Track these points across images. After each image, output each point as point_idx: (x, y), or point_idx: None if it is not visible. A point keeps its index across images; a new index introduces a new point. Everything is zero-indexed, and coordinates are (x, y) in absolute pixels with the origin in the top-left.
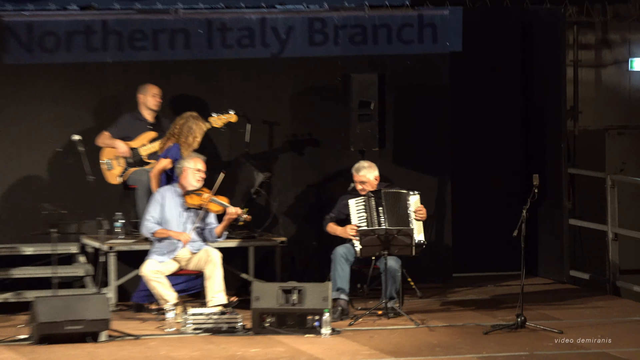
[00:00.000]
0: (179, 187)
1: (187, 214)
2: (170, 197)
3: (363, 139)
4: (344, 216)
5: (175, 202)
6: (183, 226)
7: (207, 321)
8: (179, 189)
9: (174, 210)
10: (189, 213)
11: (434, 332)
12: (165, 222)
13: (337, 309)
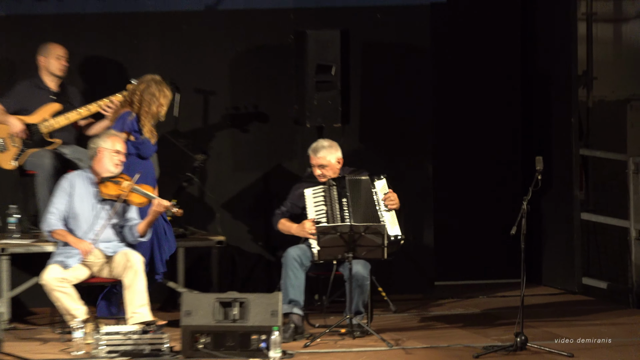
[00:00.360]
0: (91, 173)
1: (102, 207)
2: (81, 185)
3: (322, 113)
4: (298, 210)
5: (87, 192)
6: (94, 222)
7: (124, 342)
8: (91, 175)
9: (85, 201)
10: (105, 206)
11: (411, 356)
12: (74, 216)
13: (289, 327)
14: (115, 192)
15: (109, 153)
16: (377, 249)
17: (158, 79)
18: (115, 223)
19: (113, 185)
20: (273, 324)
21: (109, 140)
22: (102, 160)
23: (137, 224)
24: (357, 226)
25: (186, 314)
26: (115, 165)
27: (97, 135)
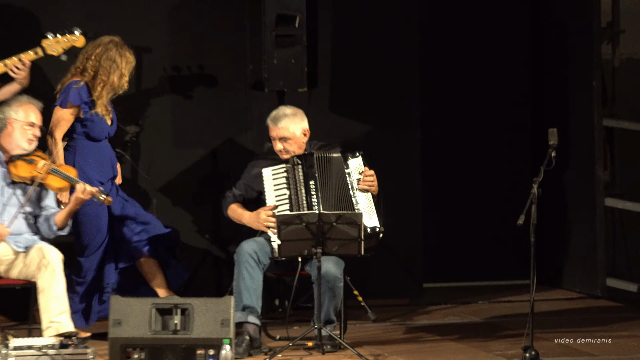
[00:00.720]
0: (0, 151)
1: (13, 191)
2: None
3: (284, 74)
4: (254, 194)
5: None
6: (3, 209)
7: (39, 359)
8: (1, 153)
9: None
10: (16, 190)
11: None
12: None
13: (243, 339)
14: (29, 174)
15: (20, 126)
16: (352, 244)
17: (118, 41)
18: (28, 212)
19: (26, 165)
20: (223, 336)
21: (21, 110)
22: (13, 135)
23: (54, 213)
24: (328, 215)
25: (115, 324)
26: (29, 141)
27: (5, 103)
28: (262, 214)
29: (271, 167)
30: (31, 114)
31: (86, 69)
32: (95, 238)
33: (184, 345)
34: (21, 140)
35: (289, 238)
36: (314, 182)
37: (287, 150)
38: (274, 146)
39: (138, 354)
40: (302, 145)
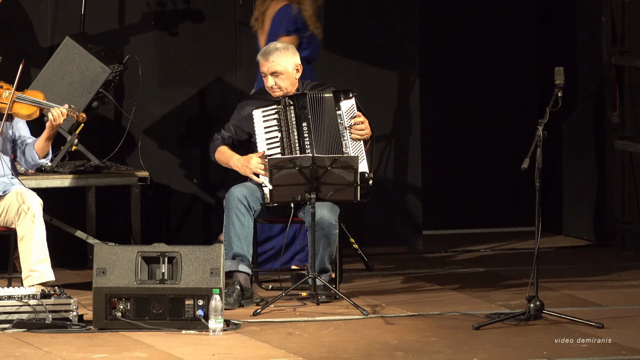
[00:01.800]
0: None
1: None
2: None
3: None
4: (244, 136)
5: None
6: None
7: (19, 310)
8: None
9: None
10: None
11: (393, 327)
12: None
13: (234, 289)
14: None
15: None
16: (348, 189)
17: None
18: (1, 149)
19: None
20: (213, 286)
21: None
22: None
23: (32, 143)
24: (322, 158)
25: (100, 273)
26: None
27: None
28: (253, 158)
29: (262, 109)
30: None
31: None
32: None
33: (172, 296)
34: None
35: (281, 183)
36: (307, 124)
37: (280, 87)
38: (265, 83)
39: (123, 304)
40: (295, 83)
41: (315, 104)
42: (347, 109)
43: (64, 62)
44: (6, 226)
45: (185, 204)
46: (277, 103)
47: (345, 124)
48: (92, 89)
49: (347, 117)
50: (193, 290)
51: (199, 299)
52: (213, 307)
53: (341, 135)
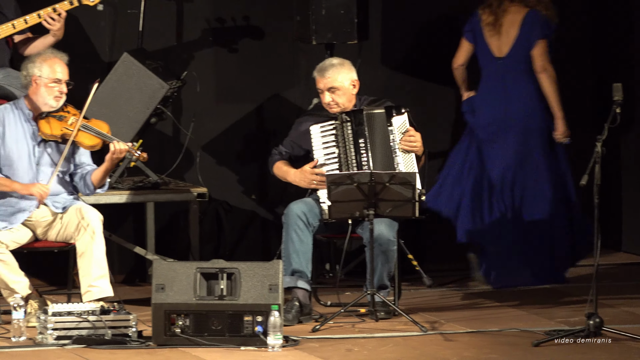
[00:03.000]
0: (27, 107)
1: (43, 150)
2: (13, 122)
3: (332, 26)
4: (301, 152)
5: (22, 131)
6: (37, 170)
7: (79, 325)
8: (28, 109)
9: (21, 144)
10: (47, 149)
11: (451, 343)
12: (8, 164)
13: (292, 305)
14: (59, 131)
15: (45, 83)
16: (406, 205)
17: None
18: (63, 171)
19: (56, 121)
20: (272, 302)
21: (45, 66)
22: (38, 92)
23: (90, 171)
24: (380, 174)
25: (159, 289)
26: (56, 98)
27: (29, 59)
28: (306, 171)
29: (319, 124)
30: (57, 69)
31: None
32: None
33: (231, 312)
34: (47, 97)
35: (339, 199)
36: (364, 140)
37: (337, 103)
38: (322, 99)
39: (182, 320)
40: (352, 99)
41: (375, 121)
42: (399, 125)
43: (122, 78)
44: (66, 241)
45: (243, 220)
46: (334, 119)
47: (397, 140)
48: (150, 105)
49: (398, 133)
50: (252, 307)
51: (257, 315)
52: (272, 323)
53: (393, 151)
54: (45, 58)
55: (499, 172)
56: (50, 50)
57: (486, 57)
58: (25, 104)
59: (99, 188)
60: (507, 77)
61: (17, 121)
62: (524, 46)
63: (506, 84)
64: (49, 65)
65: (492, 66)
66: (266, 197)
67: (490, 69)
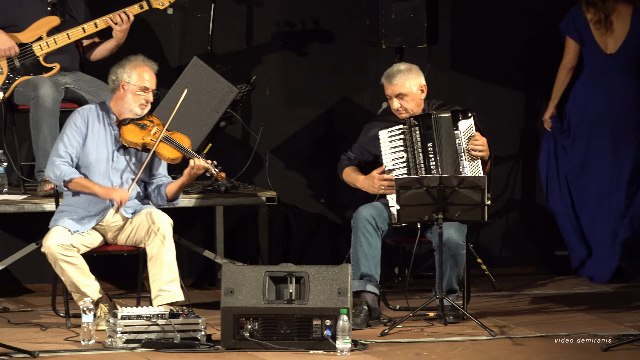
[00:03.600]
0: (112, 111)
1: (123, 157)
2: (97, 124)
3: (402, 30)
4: (370, 157)
5: (104, 134)
6: (114, 175)
7: (148, 329)
8: (112, 113)
9: (101, 147)
10: (125, 155)
11: (520, 347)
12: (85, 166)
13: (361, 309)
14: (140, 140)
15: (133, 90)
16: (475, 209)
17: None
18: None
19: (138, 129)
20: (341, 306)
21: (134, 73)
22: (125, 98)
23: (166, 183)
24: (449, 178)
25: (228, 293)
26: (141, 107)
27: (119, 64)
28: (374, 177)
29: (387, 129)
30: (145, 77)
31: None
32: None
33: (299, 316)
34: (133, 105)
35: (408, 203)
36: (432, 144)
37: (405, 109)
38: (391, 105)
39: (251, 324)
40: (420, 103)
41: (443, 125)
42: (465, 129)
43: (192, 82)
44: (136, 245)
45: (312, 224)
46: (402, 123)
47: (462, 145)
48: (220, 108)
49: (464, 137)
50: (321, 310)
51: (326, 319)
52: (341, 327)
53: (459, 155)
54: (136, 65)
55: (630, 168)
56: (141, 58)
57: (593, 54)
58: (111, 107)
59: (172, 201)
60: (613, 74)
61: (100, 124)
62: (634, 42)
63: (612, 81)
64: (138, 73)
65: (598, 63)
66: (335, 200)
67: (596, 67)
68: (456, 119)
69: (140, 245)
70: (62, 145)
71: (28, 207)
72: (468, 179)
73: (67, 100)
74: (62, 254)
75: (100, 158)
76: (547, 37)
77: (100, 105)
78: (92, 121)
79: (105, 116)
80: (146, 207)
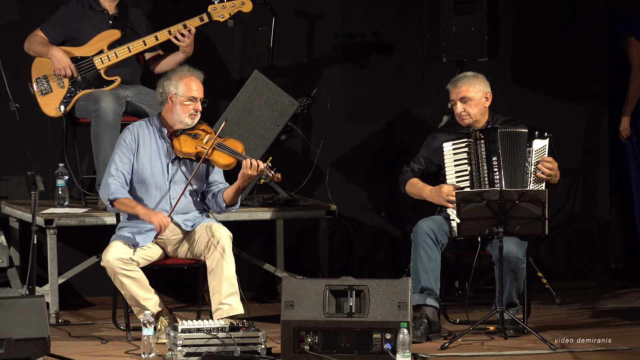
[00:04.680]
0: (162, 125)
1: (177, 168)
2: (147, 139)
3: (463, 43)
4: (434, 168)
5: (156, 148)
6: (170, 187)
7: (208, 342)
8: (163, 127)
9: (155, 161)
10: (180, 166)
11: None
12: (141, 181)
13: (421, 322)
14: (193, 149)
15: (181, 101)
16: (536, 222)
17: None
18: (195, 189)
19: (190, 139)
20: (401, 319)
21: (181, 84)
22: (174, 110)
23: (223, 189)
24: (510, 192)
25: (288, 306)
26: (191, 117)
27: (165, 76)
28: (444, 187)
29: (452, 142)
30: (193, 87)
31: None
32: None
33: (359, 329)
34: (182, 116)
35: (468, 217)
36: (497, 158)
37: (468, 113)
38: (454, 110)
39: (311, 337)
40: (484, 112)
41: (506, 139)
42: (538, 148)
43: (252, 95)
44: (195, 258)
45: (372, 238)
46: (467, 136)
47: (532, 162)
48: (281, 122)
49: (536, 156)
50: (381, 324)
51: (386, 333)
52: (401, 341)
53: (525, 172)
54: (181, 76)
55: None
56: (186, 68)
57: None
58: (161, 121)
59: (230, 206)
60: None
61: (151, 138)
62: None
63: None
64: (184, 83)
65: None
66: (395, 214)
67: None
68: (532, 136)
69: (201, 258)
70: (113, 165)
71: (89, 221)
72: (529, 192)
73: (128, 114)
74: (121, 268)
75: (155, 172)
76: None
77: (150, 120)
78: (142, 136)
79: (156, 130)
80: (205, 220)
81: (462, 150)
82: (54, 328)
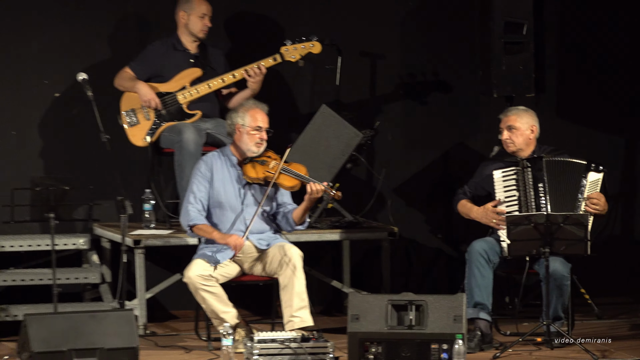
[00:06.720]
0: (232, 154)
1: (248, 192)
2: (220, 168)
3: (512, 80)
4: (484, 192)
5: (228, 175)
6: (243, 209)
7: (282, 352)
8: (233, 156)
9: (228, 187)
10: (251, 190)
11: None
12: (218, 205)
13: (475, 334)
14: (262, 175)
15: (247, 131)
16: (579, 244)
17: None
18: (266, 211)
19: (259, 166)
20: (456, 331)
21: (247, 115)
22: (241, 140)
23: (291, 210)
24: (555, 215)
25: (354, 319)
26: (257, 145)
27: (233, 109)
28: (489, 208)
29: (501, 170)
30: (258, 118)
31: None
32: None
33: (419, 340)
34: (249, 144)
35: (518, 238)
36: (543, 184)
37: (513, 141)
38: (501, 136)
39: (375, 347)
40: (530, 143)
41: (554, 168)
42: (592, 180)
43: (320, 127)
44: (270, 276)
45: (430, 257)
46: (515, 164)
47: (584, 193)
48: (346, 152)
49: (588, 188)
50: (438, 336)
51: (443, 344)
52: (456, 351)
53: (577, 200)
54: (248, 108)
55: None
56: (252, 101)
57: None
58: (231, 150)
59: (299, 225)
60: None
61: (223, 167)
62: None
63: None
64: (250, 115)
65: None
66: (451, 236)
67: None
68: (588, 168)
69: (274, 276)
70: (192, 193)
71: (173, 241)
72: (573, 216)
73: (208, 145)
74: (202, 284)
75: (229, 197)
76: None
77: (221, 151)
78: (215, 166)
79: (227, 159)
80: (279, 241)
81: (511, 177)
82: (142, 339)
